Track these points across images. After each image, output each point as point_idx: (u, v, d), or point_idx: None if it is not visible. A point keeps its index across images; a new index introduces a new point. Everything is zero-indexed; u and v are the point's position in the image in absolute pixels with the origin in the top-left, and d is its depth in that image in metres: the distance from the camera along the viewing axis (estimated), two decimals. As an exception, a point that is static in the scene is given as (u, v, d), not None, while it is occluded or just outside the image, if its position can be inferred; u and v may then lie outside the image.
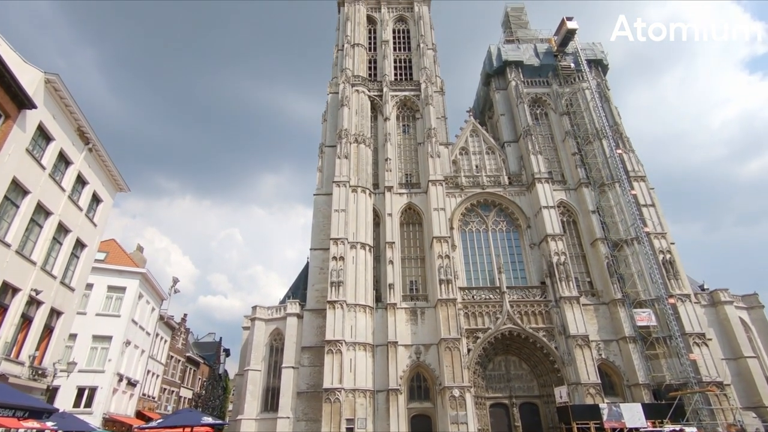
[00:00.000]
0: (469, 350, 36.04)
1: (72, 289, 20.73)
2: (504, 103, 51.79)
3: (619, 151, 44.17)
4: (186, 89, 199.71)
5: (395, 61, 55.23)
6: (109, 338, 27.74)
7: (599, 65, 51.95)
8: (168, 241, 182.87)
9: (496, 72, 53.55)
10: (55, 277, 19.05)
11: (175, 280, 34.64)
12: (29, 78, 16.54)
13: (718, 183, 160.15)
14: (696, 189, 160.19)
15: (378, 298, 39.64)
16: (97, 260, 27.68)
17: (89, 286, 27.39)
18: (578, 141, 47.07)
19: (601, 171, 43.97)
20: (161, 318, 36.46)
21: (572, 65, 51.33)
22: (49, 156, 17.97)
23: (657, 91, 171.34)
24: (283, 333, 40.18)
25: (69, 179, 19.58)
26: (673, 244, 39.99)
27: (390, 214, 42.95)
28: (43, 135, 17.66)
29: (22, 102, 15.58)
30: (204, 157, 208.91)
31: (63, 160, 19.17)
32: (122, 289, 29.26)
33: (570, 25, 51.32)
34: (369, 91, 50.35)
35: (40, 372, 18.49)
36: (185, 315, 45.92)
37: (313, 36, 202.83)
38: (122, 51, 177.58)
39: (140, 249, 36.77)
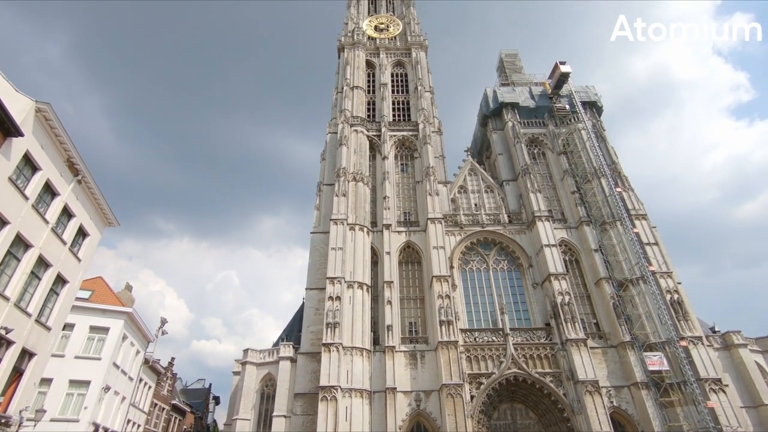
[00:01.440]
0: (472, 397, 33.85)
1: (48, 329, 19.40)
2: (501, 143, 52.24)
3: (619, 190, 43.94)
4: (188, 134, 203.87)
5: (393, 103, 56.25)
6: (87, 383, 25.83)
7: (594, 107, 52.91)
8: (163, 284, 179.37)
9: (492, 113, 54.43)
10: (29, 315, 17.83)
11: (163, 321, 33.05)
12: (19, 106, 16.21)
13: (714, 226, 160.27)
14: (692, 232, 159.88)
15: (376, 341, 37.80)
16: (80, 298, 26.48)
17: (70, 327, 26.01)
18: (577, 180, 46.99)
19: (601, 209, 43.52)
20: (146, 362, 34.45)
21: (567, 107, 52.17)
22: (34, 186, 17.31)
23: (648, 137, 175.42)
24: (275, 378, 37.98)
25: (54, 211, 18.82)
26: (679, 283, 38.82)
27: (388, 253, 41.93)
28: (29, 164, 17.11)
29: (8, 129, 15.13)
30: (203, 199, 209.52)
31: (49, 191, 18.51)
32: (105, 330, 27.65)
33: (563, 69, 52.72)
34: (368, 131, 50.84)
35: (3, 421, 16.85)
36: (173, 359, 43.66)
37: (313, 82, 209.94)
38: (128, 97, 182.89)
39: (129, 288, 35.43)
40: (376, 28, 64.40)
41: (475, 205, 46.84)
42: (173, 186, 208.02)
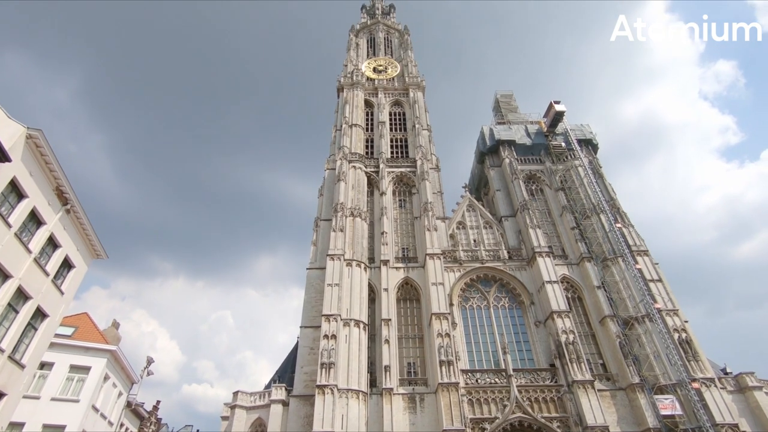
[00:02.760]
0: (475, 445, 31.75)
1: (22, 366, 18.19)
2: (499, 180, 52.40)
3: (619, 225, 43.53)
4: (187, 173, 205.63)
5: (392, 141, 56.94)
6: (62, 428, 24.05)
7: (589, 144, 53.51)
8: (156, 325, 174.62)
9: (489, 150, 54.99)
10: (2, 351, 16.72)
11: (149, 361, 31.43)
12: (10, 132, 15.96)
13: (714, 266, 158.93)
14: (692, 272, 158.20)
15: (372, 382, 35.95)
16: (62, 335, 25.26)
17: (49, 366, 24.58)
18: (576, 216, 46.68)
19: (602, 245, 42.92)
20: (129, 405, 32.49)
21: (563, 144, 52.88)
22: (19, 214, 16.76)
23: (642, 177, 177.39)
24: (266, 423, 35.70)
25: (38, 241, 18.15)
26: (686, 321, 37.59)
27: (386, 289, 40.80)
28: (15, 191, 16.63)
29: (-5, 154, 14.75)
30: (200, 237, 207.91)
31: (35, 219, 17.94)
32: (86, 369, 26.10)
33: (558, 107, 53.86)
34: (366, 167, 51.03)
35: (-38, 469, 15.37)
36: (158, 402, 41.10)
37: (311, 122, 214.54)
38: (130, 137, 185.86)
39: (116, 325, 33.90)
40: (374, 69, 66.38)
41: (474, 241, 46.22)
42: (170, 225, 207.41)
